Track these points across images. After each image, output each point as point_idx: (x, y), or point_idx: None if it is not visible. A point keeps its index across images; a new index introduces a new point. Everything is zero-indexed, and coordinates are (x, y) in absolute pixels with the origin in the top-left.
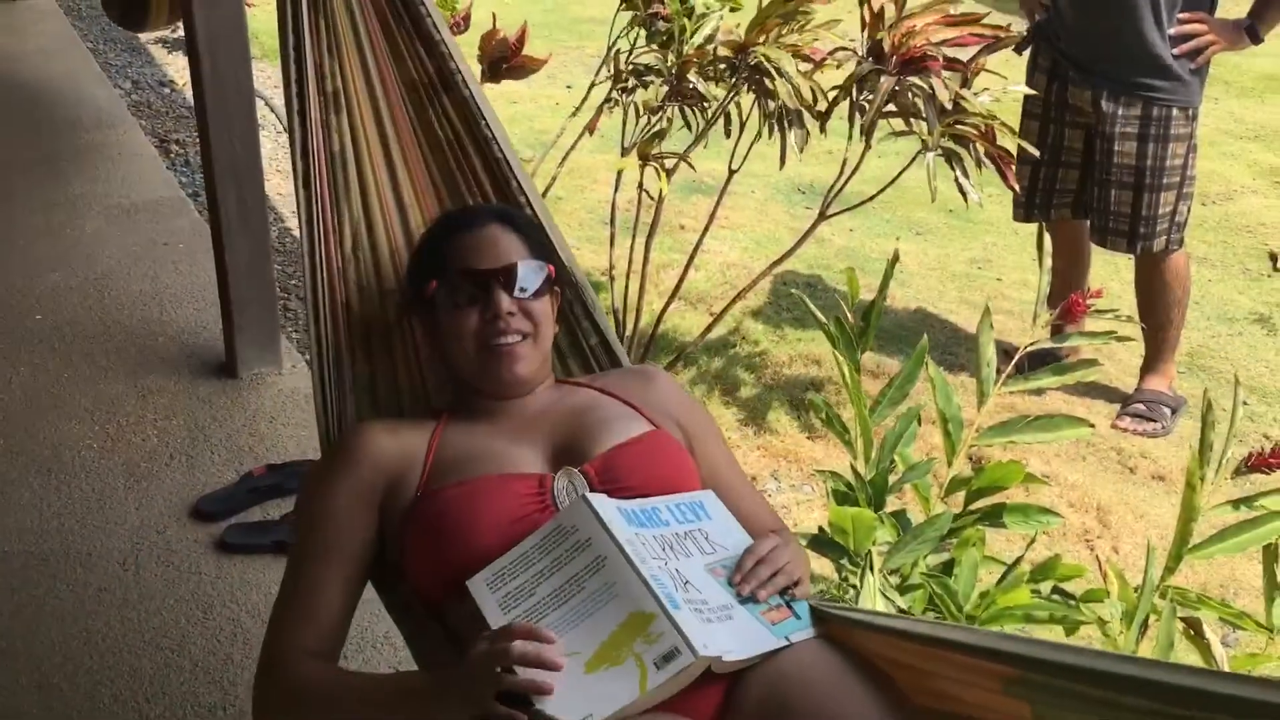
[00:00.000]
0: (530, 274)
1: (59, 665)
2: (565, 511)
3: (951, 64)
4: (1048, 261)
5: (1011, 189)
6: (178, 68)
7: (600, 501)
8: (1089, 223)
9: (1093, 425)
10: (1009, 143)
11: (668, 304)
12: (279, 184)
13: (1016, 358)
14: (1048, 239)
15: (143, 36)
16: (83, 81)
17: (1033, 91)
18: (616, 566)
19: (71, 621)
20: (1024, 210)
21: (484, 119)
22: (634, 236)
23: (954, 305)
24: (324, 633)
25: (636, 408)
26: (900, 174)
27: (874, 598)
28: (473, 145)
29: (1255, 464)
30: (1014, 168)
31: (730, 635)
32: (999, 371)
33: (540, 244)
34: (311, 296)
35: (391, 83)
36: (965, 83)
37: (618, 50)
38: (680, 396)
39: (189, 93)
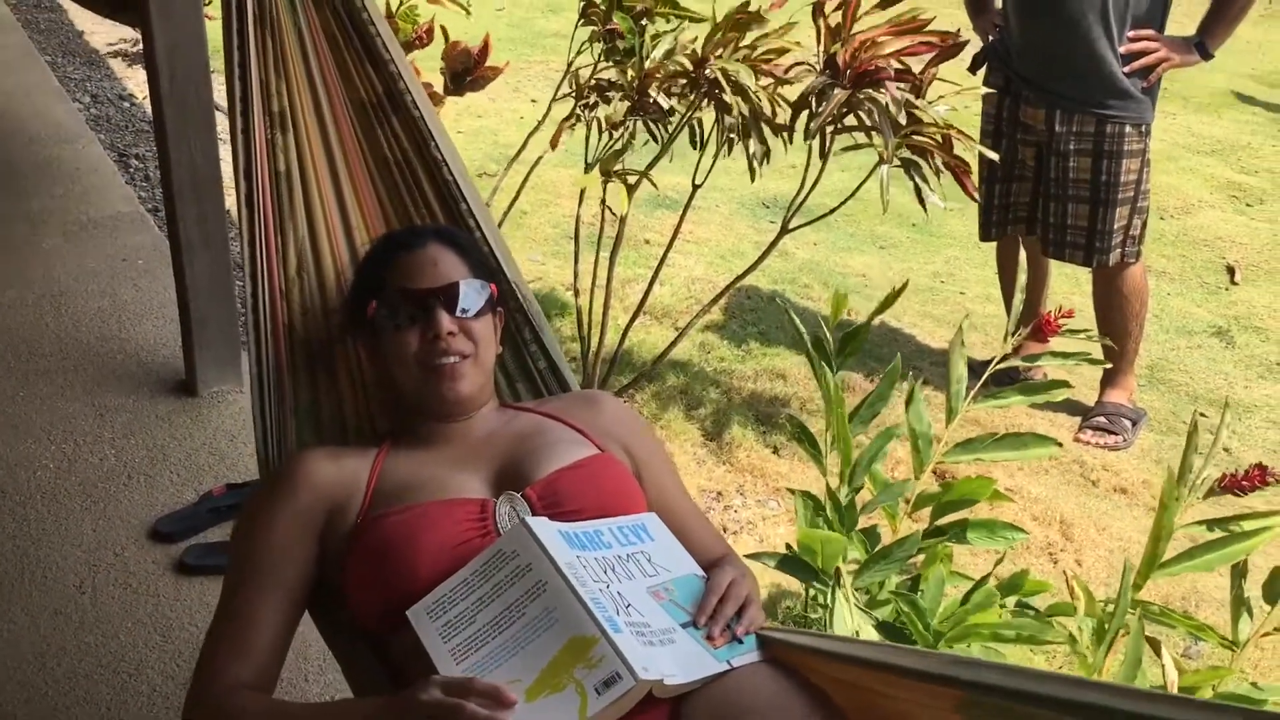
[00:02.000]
0: (471, 293)
1: (13, 693)
2: (505, 536)
3: (904, 75)
4: (1021, 278)
5: (971, 197)
6: (138, 81)
7: (540, 525)
8: (1043, 237)
9: (1060, 444)
10: (970, 156)
11: (633, 319)
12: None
13: (986, 374)
14: (1023, 256)
15: (101, 49)
16: (41, 95)
17: (985, 90)
18: (556, 591)
19: (27, 646)
20: (983, 229)
21: (434, 140)
22: (598, 252)
23: (917, 319)
24: (259, 664)
25: (582, 431)
26: (859, 187)
27: (847, 616)
28: (422, 167)
29: (1228, 485)
30: (975, 181)
31: (672, 659)
32: (966, 388)
33: (483, 264)
34: (253, 318)
35: (339, 103)
36: (919, 92)
37: (579, 67)
38: (628, 421)
39: (150, 106)
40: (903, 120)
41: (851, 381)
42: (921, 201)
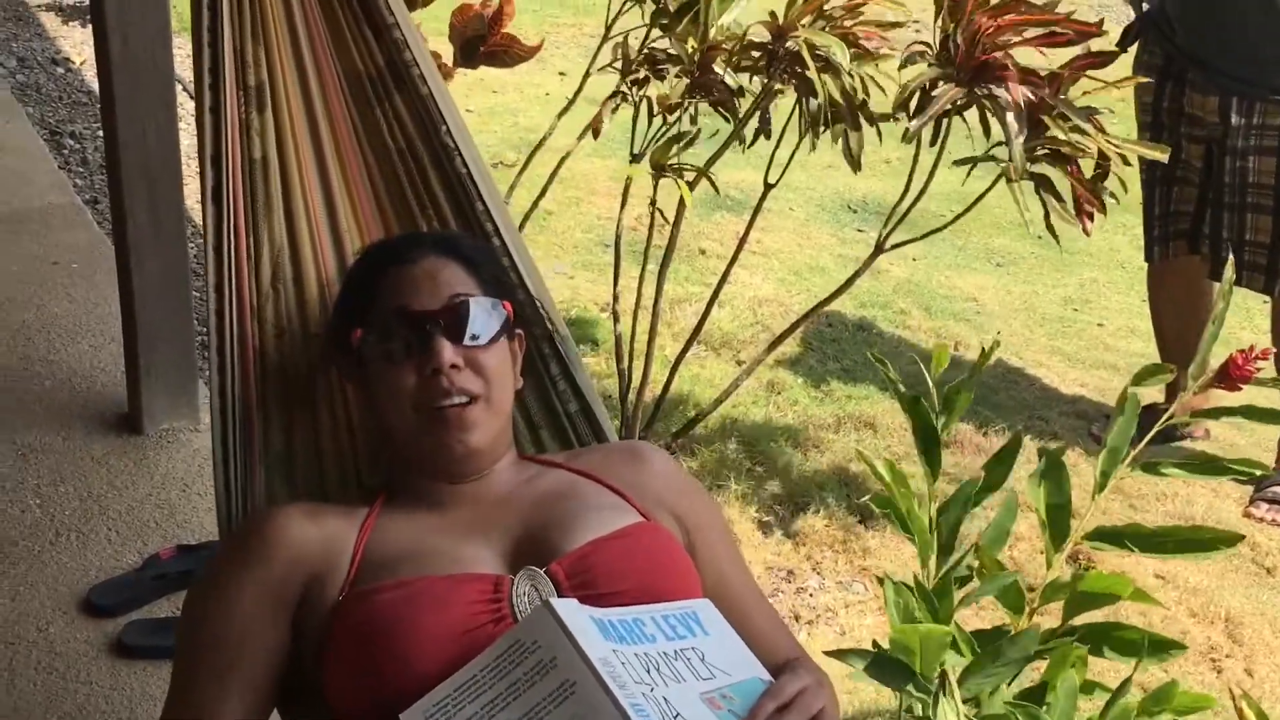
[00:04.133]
0: (482, 315)
1: None
2: (525, 623)
3: (1030, 76)
4: (1220, 307)
5: (1085, 231)
6: (74, 42)
7: (568, 609)
8: (1211, 255)
9: (1242, 537)
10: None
11: (686, 348)
12: (196, 190)
13: (1150, 434)
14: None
15: (30, 1)
16: None
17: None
18: (588, 693)
19: None
20: (1149, 245)
21: (445, 124)
22: (644, 264)
23: (1043, 356)
24: None
25: (622, 494)
26: (980, 198)
27: None
28: (429, 156)
29: None
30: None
31: None
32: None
33: (497, 278)
34: (216, 340)
35: (330, 76)
36: (1057, 91)
37: (626, 33)
38: (679, 481)
39: (89, 73)
40: (1017, 130)
41: (961, 434)
42: (1051, 229)
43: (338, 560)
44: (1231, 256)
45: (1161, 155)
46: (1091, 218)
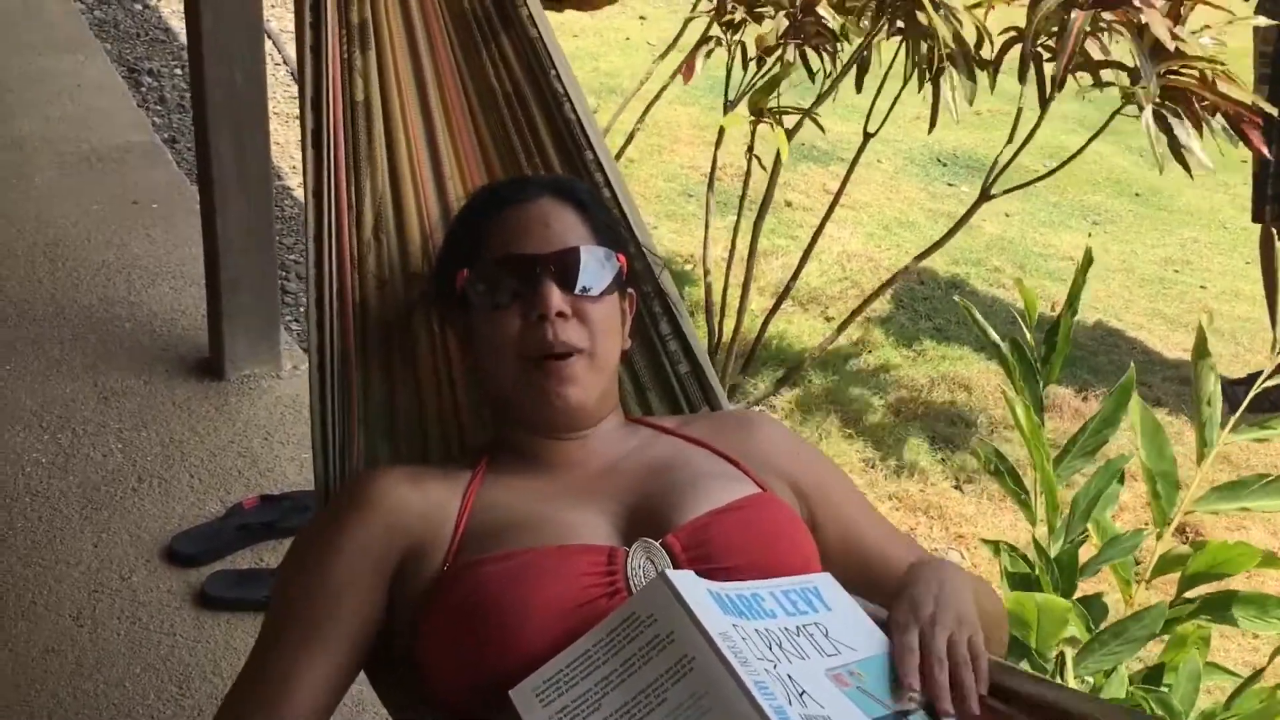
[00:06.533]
0: (594, 265)
1: None
2: (640, 595)
3: None
4: None
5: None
6: None
7: (686, 582)
8: None
9: None
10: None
11: (777, 304)
12: (275, 130)
13: (1249, 397)
14: None
15: None
16: None
17: (1265, 21)
18: (708, 670)
19: (10, 690)
20: (1257, 205)
21: (554, 68)
22: (739, 215)
23: (1143, 318)
24: None
25: (737, 463)
26: (1089, 143)
27: None
28: (537, 101)
29: None
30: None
31: None
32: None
33: (611, 229)
34: (315, 291)
35: (435, 15)
36: (1178, 20)
37: None
38: (793, 448)
39: (167, 9)
40: (1170, 49)
41: (1059, 398)
42: (1182, 160)
43: (440, 529)
44: None
45: (1272, 110)
46: (1258, 128)
